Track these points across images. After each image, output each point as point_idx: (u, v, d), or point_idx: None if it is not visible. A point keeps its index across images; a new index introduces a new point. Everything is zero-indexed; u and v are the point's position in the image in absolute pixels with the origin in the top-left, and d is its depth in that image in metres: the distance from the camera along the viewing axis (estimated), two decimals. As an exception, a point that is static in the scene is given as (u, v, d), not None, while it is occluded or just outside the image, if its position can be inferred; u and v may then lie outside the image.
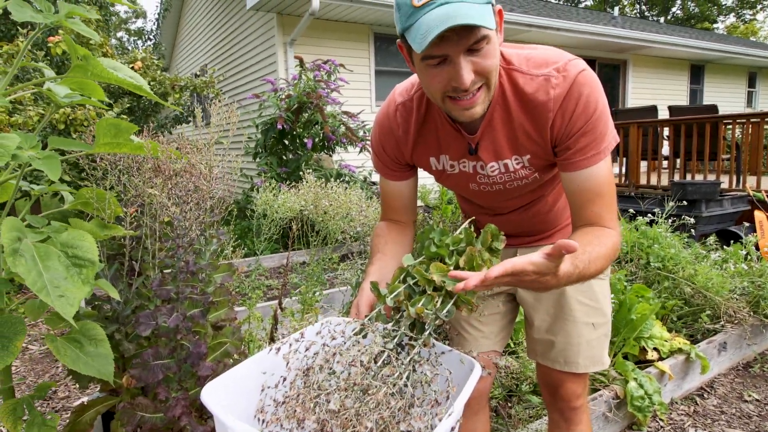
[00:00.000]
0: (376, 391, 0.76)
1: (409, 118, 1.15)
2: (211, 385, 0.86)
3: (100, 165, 1.40)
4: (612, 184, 1.04)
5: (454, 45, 0.88)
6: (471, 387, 0.83)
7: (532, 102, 1.01)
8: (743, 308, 2.63)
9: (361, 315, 0.99)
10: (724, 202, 4.81)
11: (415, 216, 1.31)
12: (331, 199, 2.71)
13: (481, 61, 0.91)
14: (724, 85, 12.74)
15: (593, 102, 0.98)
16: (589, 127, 0.99)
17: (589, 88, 0.98)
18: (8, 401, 1.19)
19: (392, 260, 1.15)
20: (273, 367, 0.93)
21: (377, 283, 0.97)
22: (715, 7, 28.30)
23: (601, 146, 1.01)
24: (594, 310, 1.27)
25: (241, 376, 0.92)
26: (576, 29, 8.54)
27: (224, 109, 1.84)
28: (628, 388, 2.04)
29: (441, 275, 0.89)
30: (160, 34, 11.59)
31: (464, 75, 0.90)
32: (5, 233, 0.95)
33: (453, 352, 0.93)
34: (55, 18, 1.11)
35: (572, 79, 0.98)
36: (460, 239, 0.98)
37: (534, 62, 1.02)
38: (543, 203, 1.26)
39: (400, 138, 1.17)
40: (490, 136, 1.08)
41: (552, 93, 0.99)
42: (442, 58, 0.91)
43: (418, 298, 0.89)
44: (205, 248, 1.31)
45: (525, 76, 1.02)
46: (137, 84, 1.21)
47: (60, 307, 0.94)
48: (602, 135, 1.00)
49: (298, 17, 6.62)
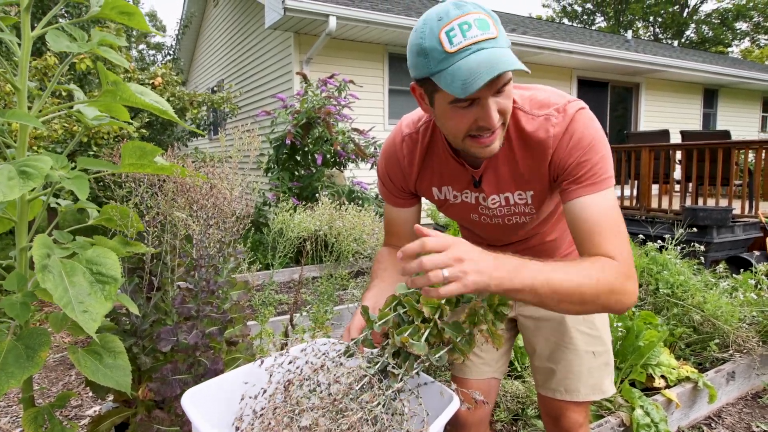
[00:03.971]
0: (352, 414, 0.77)
1: (414, 149, 1.19)
2: (192, 390, 0.88)
3: (125, 183, 1.46)
4: (615, 218, 1.01)
5: (488, 89, 0.91)
6: (445, 419, 0.83)
7: (534, 140, 1.05)
8: (752, 337, 2.62)
9: (351, 336, 1.01)
10: (735, 228, 4.79)
11: None
12: (345, 221, 2.76)
13: (504, 101, 0.96)
14: (737, 109, 12.69)
15: (588, 136, 1.02)
16: (584, 158, 1.01)
17: (583, 126, 1.02)
18: (30, 410, 1.23)
19: (390, 287, 1.16)
20: (257, 379, 0.95)
21: (368, 308, 0.99)
22: (730, 31, 28.31)
23: (598, 177, 1.01)
24: (594, 339, 1.30)
25: (227, 385, 0.94)
26: (589, 52, 8.60)
27: (247, 134, 1.91)
28: (635, 416, 2.03)
29: (431, 308, 0.89)
30: (179, 49, 11.87)
31: (493, 116, 0.94)
32: (36, 250, 1.01)
33: (435, 383, 0.93)
34: (88, 47, 1.17)
35: (570, 117, 1.02)
36: None
37: (536, 103, 1.06)
38: (541, 237, 1.30)
39: (405, 168, 1.22)
40: (493, 170, 1.12)
41: (552, 131, 1.03)
42: (472, 100, 0.94)
43: (405, 328, 0.89)
44: (222, 266, 1.36)
45: (527, 115, 1.06)
46: (163, 109, 1.27)
47: (83, 322, 0.98)
48: (598, 167, 1.01)
49: (315, 36, 6.76)
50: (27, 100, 1.19)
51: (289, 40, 6.88)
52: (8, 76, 1.12)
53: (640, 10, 28.62)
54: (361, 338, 0.95)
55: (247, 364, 0.99)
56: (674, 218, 5.11)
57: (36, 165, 1.02)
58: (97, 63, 1.24)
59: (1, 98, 4.12)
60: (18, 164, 0.97)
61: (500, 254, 0.87)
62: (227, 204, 1.31)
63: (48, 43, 1.15)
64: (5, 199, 0.87)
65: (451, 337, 0.89)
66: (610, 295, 0.91)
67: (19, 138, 1.18)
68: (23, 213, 1.22)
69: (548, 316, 1.32)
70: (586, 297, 0.89)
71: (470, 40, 0.88)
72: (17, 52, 1.14)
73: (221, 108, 5.94)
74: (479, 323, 0.91)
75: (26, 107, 1.18)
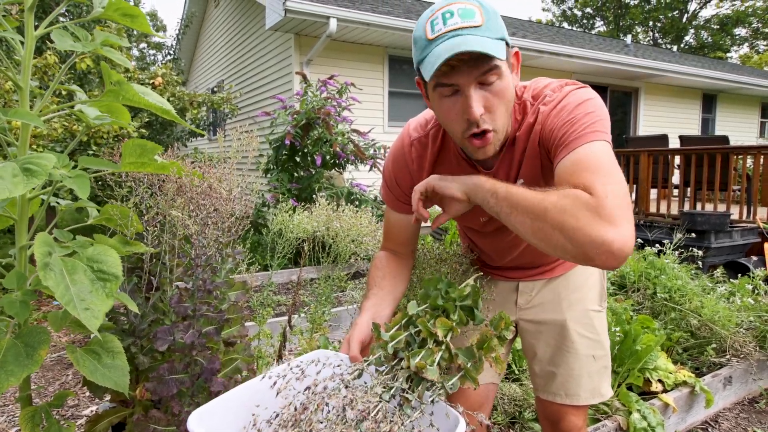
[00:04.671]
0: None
1: (424, 153, 1.17)
2: (198, 412, 0.85)
3: (125, 183, 1.47)
4: (603, 160, 0.87)
5: (465, 75, 0.91)
6: None
7: (531, 124, 1.03)
8: (749, 343, 2.63)
9: (352, 351, 0.98)
10: (733, 233, 4.80)
11: (415, 247, 1.32)
12: (342, 221, 2.77)
13: (492, 98, 0.94)
14: (736, 115, 12.74)
15: (576, 101, 0.95)
16: (569, 116, 0.94)
17: (574, 96, 0.97)
18: (27, 408, 1.23)
19: (389, 295, 1.16)
20: (263, 398, 0.91)
21: (378, 326, 0.96)
22: (729, 37, 28.42)
23: (586, 129, 0.91)
24: (594, 343, 1.30)
25: (232, 404, 0.92)
26: (588, 56, 8.63)
27: (245, 135, 1.91)
28: (631, 420, 2.04)
29: (444, 329, 0.90)
30: (179, 49, 11.88)
31: (474, 106, 0.92)
32: (38, 248, 1.01)
33: (440, 403, 0.91)
34: (92, 46, 1.18)
35: (564, 93, 0.99)
36: (464, 294, 0.99)
37: (536, 92, 1.05)
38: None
39: (414, 172, 1.19)
40: (505, 172, 1.10)
41: (542, 108, 1.01)
42: (455, 89, 0.94)
43: (417, 351, 0.88)
44: (221, 266, 1.36)
45: (530, 107, 1.04)
46: (165, 109, 1.28)
47: (85, 320, 0.98)
48: (585, 121, 0.92)
49: (315, 38, 6.77)
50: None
51: (289, 41, 6.90)
52: (11, 74, 1.13)
53: (639, 14, 28.71)
54: (373, 360, 0.92)
55: (251, 380, 0.96)
56: (672, 223, 5.13)
57: (39, 163, 1.03)
58: (100, 63, 1.25)
59: (1, 96, 4.12)
60: (21, 162, 0.97)
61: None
62: (224, 204, 1.32)
63: (53, 42, 1.15)
64: (10, 195, 0.87)
65: (463, 363, 0.88)
66: (561, 215, 0.80)
67: (20, 136, 1.19)
68: (23, 211, 1.22)
69: (549, 320, 1.32)
70: (536, 210, 0.83)
71: (449, 27, 0.90)
72: (20, 51, 1.14)
73: (221, 108, 5.95)
74: (488, 351, 0.90)
75: (28, 106, 1.18)
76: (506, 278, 1.39)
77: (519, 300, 1.36)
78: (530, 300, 1.36)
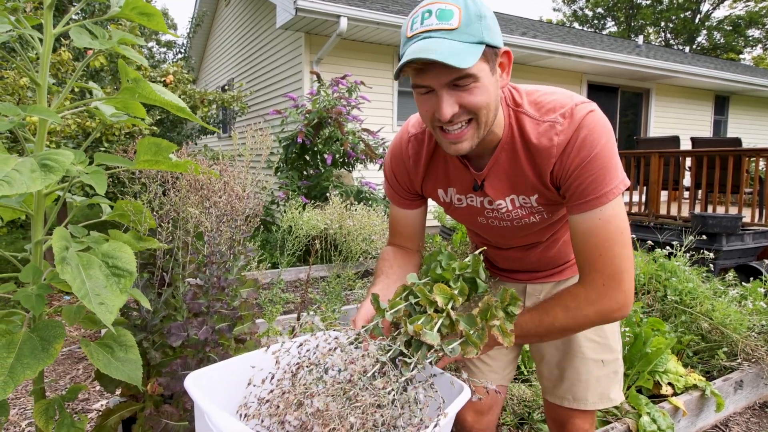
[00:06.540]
0: (363, 400, 0.76)
1: (420, 150, 1.17)
2: (195, 373, 0.86)
3: (139, 179, 1.48)
4: (606, 236, 0.97)
5: (435, 78, 0.91)
6: (457, 407, 0.82)
7: (536, 147, 1.01)
8: (761, 347, 2.60)
9: (357, 327, 0.98)
10: (745, 236, 4.76)
11: (422, 243, 1.32)
12: (354, 219, 2.77)
13: (468, 96, 0.92)
14: (749, 117, 12.60)
15: (591, 146, 0.96)
16: (585, 171, 0.97)
17: (587, 131, 0.97)
18: (41, 401, 1.25)
19: (396, 283, 1.15)
20: (264, 366, 0.93)
21: (378, 296, 0.97)
22: (742, 38, 28.11)
23: (598, 191, 0.97)
24: (603, 347, 1.29)
25: (232, 370, 0.93)
26: (599, 57, 8.57)
27: (259, 133, 1.92)
28: (641, 422, 2.03)
29: (444, 297, 0.89)
30: (190, 47, 11.95)
31: (444, 108, 0.92)
32: (56, 242, 1.02)
33: (445, 375, 0.91)
34: (109, 44, 1.19)
35: (576, 124, 0.97)
36: (467, 265, 0.98)
37: (543, 107, 1.02)
38: (552, 241, 1.27)
39: (410, 168, 1.20)
40: (496, 174, 1.09)
41: (556, 140, 0.99)
42: (428, 89, 0.94)
43: (417, 317, 0.88)
44: (233, 264, 1.37)
45: (532, 120, 1.02)
46: (181, 106, 1.28)
47: (100, 314, 1.00)
48: (599, 180, 0.96)
49: (325, 37, 6.78)
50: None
51: (300, 40, 6.91)
52: (30, 72, 1.14)
53: (651, 15, 28.48)
54: (371, 326, 0.92)
55: (254, 351, 0.98)
56: (683, 225, 5.09)
57: (57, 159, 1.04)
58: (117, 60, 1.26)
59: (15, 92, 4.16)
60: (39, 157, 0.98)
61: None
62: (239, 202, 1.32)
63: (72, 40, 1.17)
64: (28, 190, 0.88)
65: (464, 330, 0.87)
66: (573, 322, 1.02)
67: (38, 132, 1.20)
68: (39, 206, 1.23)
69: None
70: (555, 331, 1.04)
71: (424, 28, 0.89)
72: (39, 49, 1.15)
73: (231, 107, 5.98)
74: (491, 318, 0.90)
75: (46, 102, 1.20)
76: (514, 280, 1.39)
77: (527, 302, 1.36)
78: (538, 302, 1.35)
